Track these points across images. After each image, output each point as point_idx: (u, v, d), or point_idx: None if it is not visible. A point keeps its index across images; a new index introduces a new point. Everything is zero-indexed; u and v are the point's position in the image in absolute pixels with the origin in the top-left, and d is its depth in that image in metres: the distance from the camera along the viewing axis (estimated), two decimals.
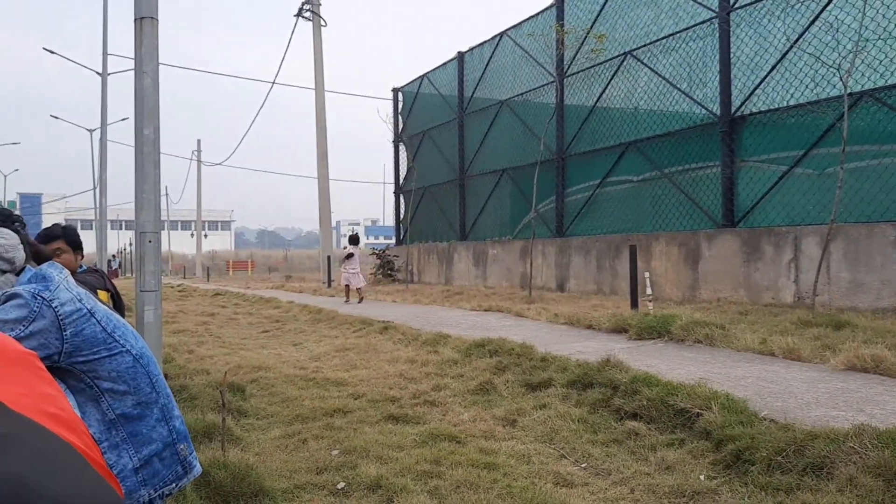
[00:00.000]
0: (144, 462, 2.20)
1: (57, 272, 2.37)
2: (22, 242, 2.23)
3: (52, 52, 28.25)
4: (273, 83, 26.16)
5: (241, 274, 43.67)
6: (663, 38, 12.41)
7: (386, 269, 21.48)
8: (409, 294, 15.97)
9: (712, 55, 11.48)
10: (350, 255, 14.71)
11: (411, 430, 4.94)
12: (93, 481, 0.91)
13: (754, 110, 10.67)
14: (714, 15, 11.34)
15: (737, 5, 11.01)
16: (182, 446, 2.59)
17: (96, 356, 2.35)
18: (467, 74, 19.15)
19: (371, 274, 22.68)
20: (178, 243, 73.56)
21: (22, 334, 2.12)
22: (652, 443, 4.29)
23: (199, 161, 47.50)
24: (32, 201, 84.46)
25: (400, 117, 23.12)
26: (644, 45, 12.81)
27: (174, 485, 2.57)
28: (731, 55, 11.08)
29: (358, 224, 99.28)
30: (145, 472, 2.19)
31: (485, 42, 18.22)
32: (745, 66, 10.84)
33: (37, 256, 2.60)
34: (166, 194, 65.36)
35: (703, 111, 11.60)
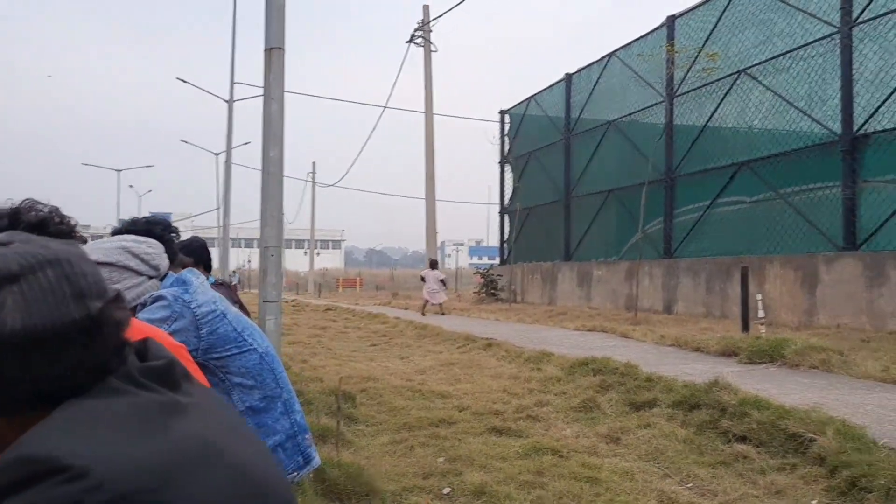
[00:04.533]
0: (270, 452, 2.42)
1: (195, 277, 2.67)
2: (170, 251, 2.53)
3: (184, 82, 30.39)
4: (384, 108, 27.11)
5: (349, 291, 45.05)
6: (779, 55, 12.01)
7: (489, 288, 21.62)
8: (512, 313, 16.04)
9: (832, 72, 11.01)
10: (441, 280, 17.45)
11: (514, 442, 5.04)
12: (266, 451, 1.09)
13: (879, 128, 10.14)
14: (835, 30, 10.89)
15: (860, 20, 10.55)
16: (302, 437, 2.83)
17: (228, 353, 2.63)
18: (574, 95, 19.14)
19: (474, 293, 22.92)
20: (291, 261, 76.63)
21: (166, 332, 2.41)
22: (761, 466, 4.21)
23: (313, 182, 49.43)
24: None
25: (506, 138, 23.34)
26: (759, 63, 12.44)
27: (296, 474, 2.81)
28: (854, 71, 10.59)
29: (462, 244, 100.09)
30: None
31: (593, 63, 18.18)
32: (869, 82, 10.33)
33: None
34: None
35: (823, 130, 11.12)
